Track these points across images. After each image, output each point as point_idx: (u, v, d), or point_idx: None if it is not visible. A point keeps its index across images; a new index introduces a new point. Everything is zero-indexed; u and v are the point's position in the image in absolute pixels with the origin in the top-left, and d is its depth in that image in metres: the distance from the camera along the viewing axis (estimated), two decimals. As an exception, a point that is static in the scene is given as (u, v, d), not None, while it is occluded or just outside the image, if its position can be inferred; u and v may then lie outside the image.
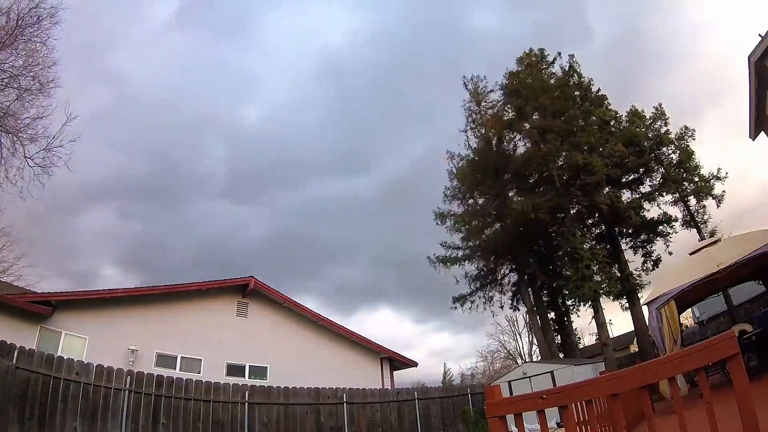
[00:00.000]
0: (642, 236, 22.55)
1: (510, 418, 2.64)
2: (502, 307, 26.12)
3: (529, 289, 24.58)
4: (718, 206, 20.41)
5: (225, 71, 60.08)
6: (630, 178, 22.58)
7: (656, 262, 22.16)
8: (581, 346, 30.52)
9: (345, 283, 59.04)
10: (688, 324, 31.14)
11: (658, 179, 22.07)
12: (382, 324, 61.28)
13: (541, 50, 24.51)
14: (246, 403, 10.40)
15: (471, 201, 25.96)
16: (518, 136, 24.56)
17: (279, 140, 58.80)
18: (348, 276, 59.32)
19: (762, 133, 14.98)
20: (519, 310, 27.47)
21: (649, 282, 20.86)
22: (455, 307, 25.12)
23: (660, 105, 22.44)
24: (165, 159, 52.60)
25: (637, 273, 21.67)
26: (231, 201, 61.31)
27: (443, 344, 64.70)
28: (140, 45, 51.62)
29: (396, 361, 18.22)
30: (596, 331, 21.66)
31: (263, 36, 61.92)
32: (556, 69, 24.31)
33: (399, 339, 61.36)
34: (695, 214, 21.09)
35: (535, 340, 30.25)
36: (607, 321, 20.63)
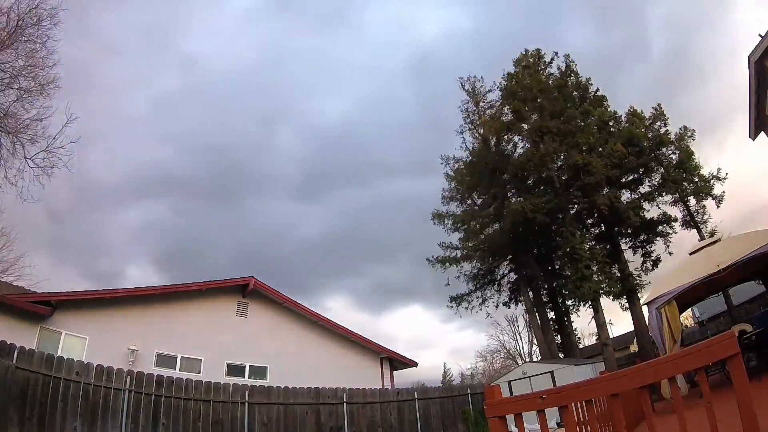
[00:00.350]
0: (642, 236, 22.56)
1: (510, 418, 2.64)
2: (497, 306, 26.16)
3: (529, 289, 24.58)
4: (717, 206, 20.44)
5: (308, 62, 57.98)
6: (629, 179, 22.58)
7: (656, 262, 22.18)
8: (581, 346, 30.49)
9: (384, 281, 58.37)
10: (688, 324, 31.13)
11: (657, 179, 22.08)
12: (411, 322, 61.88)
13: (538, 50, 24.50)
14: (246, 403, 10.40)
15: (469, 201, 26.00)
16: (517, 137, 24.58)
17: (355, 137, 56.68)
18: (388, 274, 58.61)
19: (762, 133, 14.98)
20: (511, 308, 27.53)
21: (649, 282, 20.90)
22: (452, 307, 25.18)
23: (659, 105, 22.45)
24: (225, 153, 51.66)
25: (637, 273, 21.72)
26: (292, 199, 60.37)
27: (466, 342, 65.56)
28: (220, 28, 50.11)
29: (396, 361, 18.22)
30: (596, 331, 21.66)
31: (358, 27, 59.05)
32: (553, 70, 24.35)
33: (424, 337, 61.98)
34: (695, 214, 21.09)
35: (535, 340, 30.26)
36: (607, 321, 20.62)
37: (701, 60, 40.11)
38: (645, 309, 11.71)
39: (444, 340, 63.73)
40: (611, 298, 20.45)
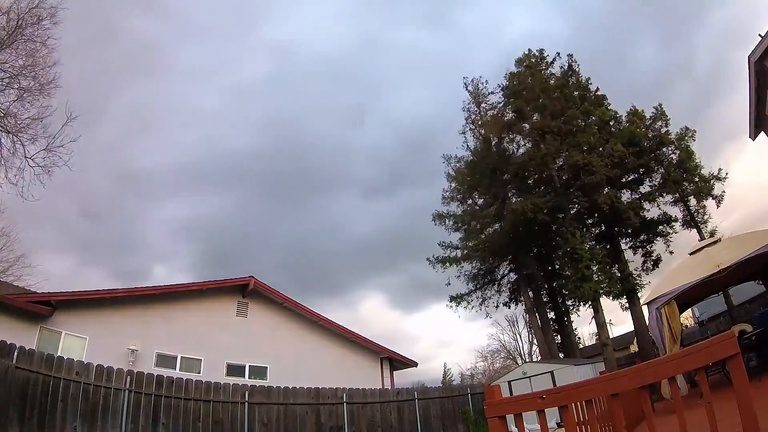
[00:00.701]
0: (642, 236, 22.56)
1: (510, 418, 2.64)
2: (497, 306, 26.17)
3: (529, 289, 24.59)
4: (717, 206, 20.44)
5: (400, 57, 55.95)
6: (630, 179, 22.57)
7: (656, 262, 22.18)
8: (581, 346, 30.50)
9: (421, 279, 56.84)
10: (688, 324, 31.13)
11: (658, 179, 22.07)
12: (439, 320, 62.49)
13: (540, 51, 24.54)
14: (246, 403, 10.40)
15: (470, 201, 26.02)
16: (518, 137, 24.59)
17: (436, 136, 54.16)
18: (425, 272, 56.98)
19: (762, 133, 14.98)
20: (511, 308, 27.55)
21: (649, 282, 20.92)
22: (451, 306, 25.19)
23: (660, 105, 22.43)
24: (298, 147, 50.71)
25: (637, 273, 21.72)
26: (358, 197, 59.00)
27: (484, 341, 65.94)
28: (313, 15, 49.39)
29: (396, 361, 18.21)
30: (596, 331, 21.67)
31: (459, 24, 55.93)
32: (555, 69, 24.37)
33: (447, 335, 62.61)
34: (695, 214, 21.09)
35: (535, 340, 30.27)
36: (607, 321, 20.63)
37: (733, 71, 40.49)
38: (645, 309, 11.70)
39: (468, 338, 65.19)
40: (611, 298, 20.46)
